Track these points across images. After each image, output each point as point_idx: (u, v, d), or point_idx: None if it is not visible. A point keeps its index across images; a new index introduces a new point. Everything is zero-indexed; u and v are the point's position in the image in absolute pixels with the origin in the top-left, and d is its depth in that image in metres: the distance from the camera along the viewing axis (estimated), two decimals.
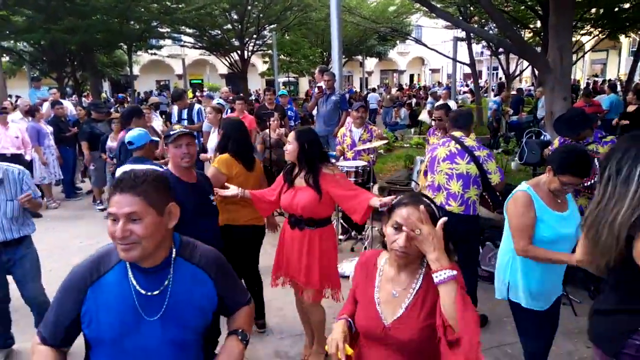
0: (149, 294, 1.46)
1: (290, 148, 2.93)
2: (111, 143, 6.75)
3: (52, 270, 4.93)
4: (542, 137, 5.35)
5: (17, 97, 10.53)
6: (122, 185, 1.39)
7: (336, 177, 2.94)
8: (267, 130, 6.45)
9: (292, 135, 2.97)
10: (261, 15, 20.21)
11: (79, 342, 1.54)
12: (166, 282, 1.48)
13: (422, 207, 1.50)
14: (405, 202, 1.58)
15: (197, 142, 6.12)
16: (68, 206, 7.49)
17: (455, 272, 1.46)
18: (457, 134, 3.66)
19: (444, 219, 1.52)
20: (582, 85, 21.10)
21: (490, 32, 14.36)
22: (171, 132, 2.83)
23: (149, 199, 1.40)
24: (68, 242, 5.85)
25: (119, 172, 3.79)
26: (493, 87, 23.40)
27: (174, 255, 1.52)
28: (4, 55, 18.71)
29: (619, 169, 1.69)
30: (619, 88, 16.91)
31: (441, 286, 1.45)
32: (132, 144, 4.01)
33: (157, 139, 6.67)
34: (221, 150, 3.49)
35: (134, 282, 1.46)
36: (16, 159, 6.80)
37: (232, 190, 3.05)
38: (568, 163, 2.34)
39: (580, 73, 29.61)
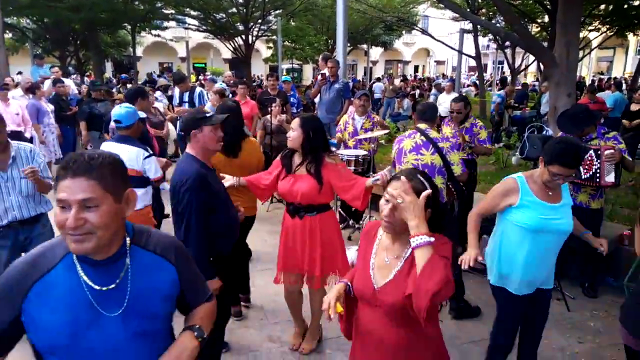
0: (104, 288, 1.30)
1: (294, 135, 2.89)
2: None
3: None
4: (544, 132, 5.33)
5: (19, 72, 10.46)
6: (74, 168, 1.21)
7: (338, 167, 2.93)
8: (268, 116, 6.42)
9: (296, 122, 2.92)
10: None
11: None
12: (122, 274, 1.33)
13: (403, 178, 1.66)
14: (397, 177, 1.71)
15: None
16: None
17: (432, 239, 1.56)
18: (423, 126, 3.82)
19: (428, 191, 1.65)
20: (588, 82, 20.96)
21: (498, 25, 14.22)
22: (207, 114, 2.66)
23: (106, 183, 1.23)
24: None
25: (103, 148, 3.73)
26: (497, 82, 23.26)
27: (128, 244, 1.36)
28: (7, 31, 18.58)
29: None
30: (624, 86, 16.83)
31: (417, 250, 1.57)
32: (120, 122, 3.67)
33: (161, 118, 6.70)
34: None
35: (85, 278, 1.29)
36: (16, 136, 6.78)
37: (228, 180, 3.03)
38: (558, 153, 2.39)
39: (586, 70, 29.42)
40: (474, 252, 2.48)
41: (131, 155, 3.47)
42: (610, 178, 3.84)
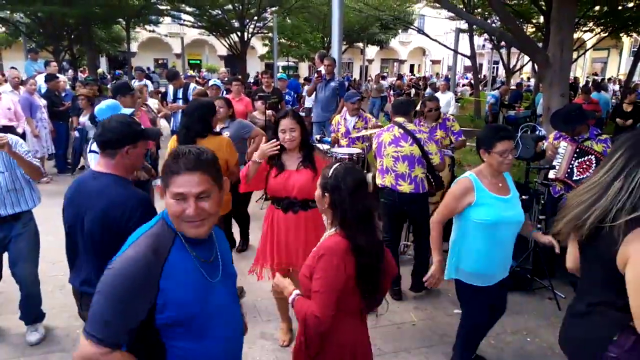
0: (208, 261, 1.55)
1: (296, 134, 2.89)
2: (82, 118, 6.95)
3: (41, 245, 4.94)
4: (537, 132, 5.36)
5: (12, 67, 10.36)
6: (188, 164, 1.41)
7: (325, 160, 3.11)
8: (255, 113, 6.42)
9: (293, 122, 2.88)
10: None
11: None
12: (215, 248, 1.60)
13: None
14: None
15: None
16: (60, 181, 7.42)
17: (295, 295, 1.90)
18: (400, 119, 3.95)
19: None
20: (582, 83, 21.06)
21: (493, 25, 14.25)
22: (142, 127, 2.27)
23: (213, 175, 1.46)
24: (57, 217, 5.81)
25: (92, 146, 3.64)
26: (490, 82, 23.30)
27: None
28: (0, 25, 18.40)
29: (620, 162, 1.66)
30: (614, 87, 16.95)
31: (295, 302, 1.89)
32: (96, 117, 3.58)
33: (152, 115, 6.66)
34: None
35: (195, 255, 1.51)
36: (8, 130, 6.71)
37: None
38: (491, 134, 2.56)
39: (581, 71, 29.55)
40: (437, 269, 2.68)
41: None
42: None
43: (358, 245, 1.79)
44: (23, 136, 7.20)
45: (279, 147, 2.88)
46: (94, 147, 3.58)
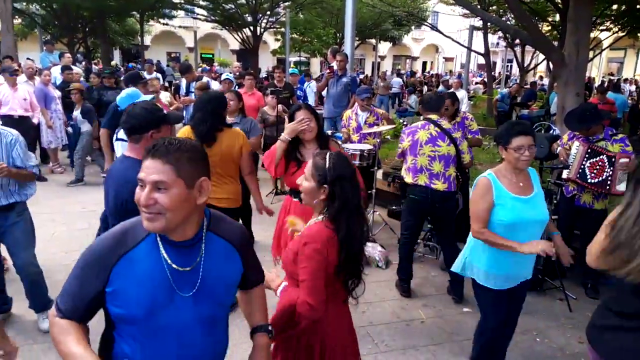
0: (181, 269, 1.39)
1: (313, 125, 2.95)
2: (75, 112, 7.08)
3: (54, 234, 5.01)
4: (551, 132, 5.29)
5: (28, 58, 10.49)
6: (153, 151, 1.32)
7: (341, 150, 3.14)
8: (265, 108, 6.43)
9: (308, 113, 2.95)
10: None
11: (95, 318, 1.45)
12: (198, 259, 1.42)
13: None
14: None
15: None
16: (71, 173, 7.51)
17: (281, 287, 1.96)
18: (433, 117, 3.86)
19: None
20: (597, 84, 20.76)
21: (508, 22, 14.09)
22: (165, 112, 2.40)
23: (179, 169, 1.32)
24: (71, 208, 5.90)
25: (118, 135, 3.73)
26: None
27: (204, 230, 1.46)
28: (16, 17, 18.60)
29: None
30: (629, 87, 16.66)
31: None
32: (119, 107, 3.80)
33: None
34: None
35: (166, 257, 1.38)
36: (23, 121, 6.82)
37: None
38: (509, 129, 2.48)
39: (596, 71, 29.11)
40: (525, 248, 2.35)
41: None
42: (621, 187, 3.77)
43: (350, 234, 1.79)
44: (38, 127, 7.29)
45: (308, 123, 2.92)
46: (121, 134, 3.68)
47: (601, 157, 3.85)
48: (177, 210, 1.32)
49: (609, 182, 3.81)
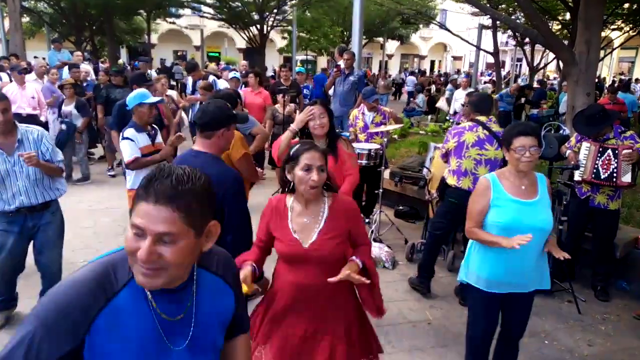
0: (173, 319, 1.15)
1: (325, 121, 2.98)
2: (65, 107, 6.92)
3: None
4: (561, 132, 5.23)
5: (36, 57, 10.59)
6: (158, 192, 1.03)
7: (348, 151, 3.17)
8: (277, 106, 6.40)
9: (322, 109, 2.98)
10: None
11: None
12: (189, 303, 1.19)
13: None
14: (306, 148, 1.97)
15: None
16: (80, 170, 7.54)
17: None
18: (483, 118, 3.73)
19: None
20: (608, 83, 20.55)
21: (518, 21, 13.98)
22: (233, 112, 2.47)
23: (190, 216, 1.05)
24: (77, 206, 5.92)
25: (125, 134, 3.75)
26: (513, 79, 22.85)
27: (195, 268, 1.20)
28: (24, 15, 18.75)
29: None
30: (636, 87, 16.46)
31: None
32: (127, 106, 3.85)
33: (173, 106, 6.72)
34: None
35: (155, 307, 1.13)
36: (32, 119, 6.85)
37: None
38: (511, 130, 2.42)
39: (607, 70, 28.83)
40: (504, 241, 2.25)
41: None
42: (627, 178, 3.80)
43: None
44: (46, 125, 7.32)
45: (313, 112, 2.96)
46: (127, 133, 3.70)
47: (607, 152, 3.84)
48: (182, 264, 1.08)
49: (615, 175, 3.79)
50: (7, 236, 3.10)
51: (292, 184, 2.01)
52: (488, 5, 13.42)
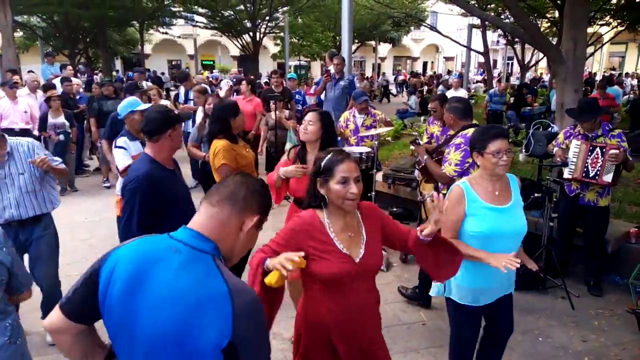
0: None
1: (312, 129, 2.91)
2: (53, 120, 6.86)
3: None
4: (549, 129, 5.28)
5: (30, 71, 10.61)
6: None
7: None
8: (271, 113, 6.44)
9: (314, 116, 2.94)
10: None
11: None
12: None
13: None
14: (340, 159, 1.86)
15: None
16: (75, 182, 7.56)
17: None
18: (476, 122, 3.62)
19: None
20: (599, 78, 20.67)
21: (507, 20, 14.08)
22: (176, 112, 2.69)
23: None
24: (73, 218, 5.93)
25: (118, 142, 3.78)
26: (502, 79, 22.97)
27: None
28: (18, 30, 18.79)
29: None
30: (631, 81, 16.55)
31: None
32: (119, 115, 3.91)
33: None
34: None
35: None
36: (25, 133, 6.86)
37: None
38: (482, 134, 2.33)
39: (597, 65, 28.99)
40: (492, 259, 2.19)
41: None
42: (607, 178, 3.85)
43: None
44: (39, 139, 7.34)
45: (304, 172, 2.82)
46: (120, 142, 3.73)
47: (596, 150, 3.88)
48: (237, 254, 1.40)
49: (597, 173, 3.84)
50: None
51: (323, 198, 1.90)
52: (476, 5, 13.52)
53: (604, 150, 3.81)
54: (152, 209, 2.46)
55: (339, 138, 5.55)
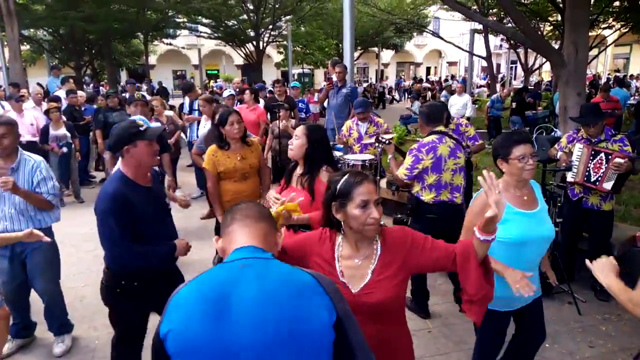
0: None
1: (297, 143, 2.69)
2: (55, 132, 6.93)
3: (62, 256, 5.07)
4: (553, 134, 5.26)
5: (38, 84, 10.79)
6: None
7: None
8: (277, 122, 6.48)
9: (300, 130, 2.73)
10: (277, 5, 20.23)
11: None
12: None
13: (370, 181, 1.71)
14: (358, 181, 1.70)
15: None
16: (80, 193, 7.61)
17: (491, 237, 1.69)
18: (441, 128, 3.67)
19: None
20: (603, 80, 20.59)
21: (509, 25, 14.10)
22: (141, 128, 2.43)
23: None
24: (79, 229, 5.96)
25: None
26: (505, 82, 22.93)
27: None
28: (24, 43, 19.06)
29: None
30: (635, 83, 16.47)
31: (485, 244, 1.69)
32: None
33: (172, 127, 6.80)
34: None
35: None
36: (31, 146, 6.94)
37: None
38: (505, 140, 2.34)
39: (602, 67, 28.89)
40: (509, 272, 2.12)
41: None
42: (607, 185, 3.81)
43: None
44: (43, 151, 7.42)
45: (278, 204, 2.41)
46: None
47: (600, 155, 3.86)
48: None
49: (599, 178, 3.82)
50: (2, 260, 3.16)
51: (339, 224, 1.75)
52: (478, 10, 13.55)
53: (610, 157, 3.77)
54: (125, 225, 2.36)
55: (342, 146, 5.57)
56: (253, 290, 1.21)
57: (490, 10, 16.49)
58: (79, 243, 5.45)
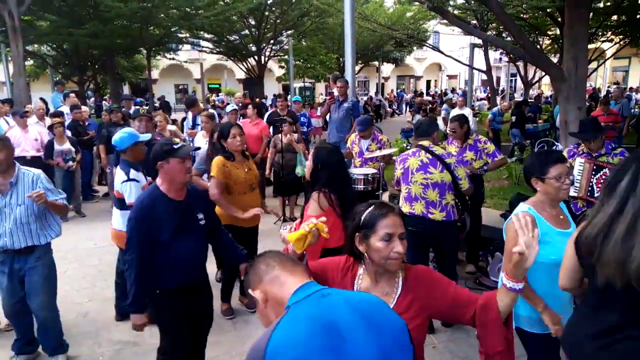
0: None
1: (307, 165, 2.90)
2: (59, 147, 6.99)
3: (66, 271, 5.07)
4: (554, 147, 5.28)
5: (41, 98, 10.88)
6: None
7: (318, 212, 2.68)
8: (280, 135, 6.52)
9: (311, 154, 2.89)
10: (278, 20, 20.48)
11: None
12: None
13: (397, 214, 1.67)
14: (383, 213, 1.65)
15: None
16: (84, 208, 7.63)
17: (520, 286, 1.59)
18: (425, 143, 3.74)
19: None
20: (603, 93, 20.70)
21: (508, 39, 14.23)
22: (175, 146, 2.63)
23: None
24: (82, 244, 5.98)
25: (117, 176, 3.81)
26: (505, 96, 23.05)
27: None
28: (28, 58, 19.27)
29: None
30: (635, 96, 16.53)
31: (512, 292, 1.58)
32: (116, 147, 3.82)
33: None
34: None
35: None
36: (36, 161, 6.99)
37: None
38: (541, 159, 2.33)
39: (601, 80, 29.07)
40: (541, 304, 2.18)
41: (117, 178, 3.62)
42: None
43: None
44: (47, 167, 7.46)
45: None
46: (132, 175, 3.60)
47: (604, 170, 3.88)
48: None
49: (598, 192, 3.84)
50: (1, 276, 3.17)
51: (361, 255, 1.70)
52: (477, 25, 13.69)
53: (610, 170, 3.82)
54: (146, 233, 2.52)
55: (346, 159, 5.60)
56: (350, 314, 1.25)
57: (490, 25, 16.65)
58: (83, 258, 5.46)
